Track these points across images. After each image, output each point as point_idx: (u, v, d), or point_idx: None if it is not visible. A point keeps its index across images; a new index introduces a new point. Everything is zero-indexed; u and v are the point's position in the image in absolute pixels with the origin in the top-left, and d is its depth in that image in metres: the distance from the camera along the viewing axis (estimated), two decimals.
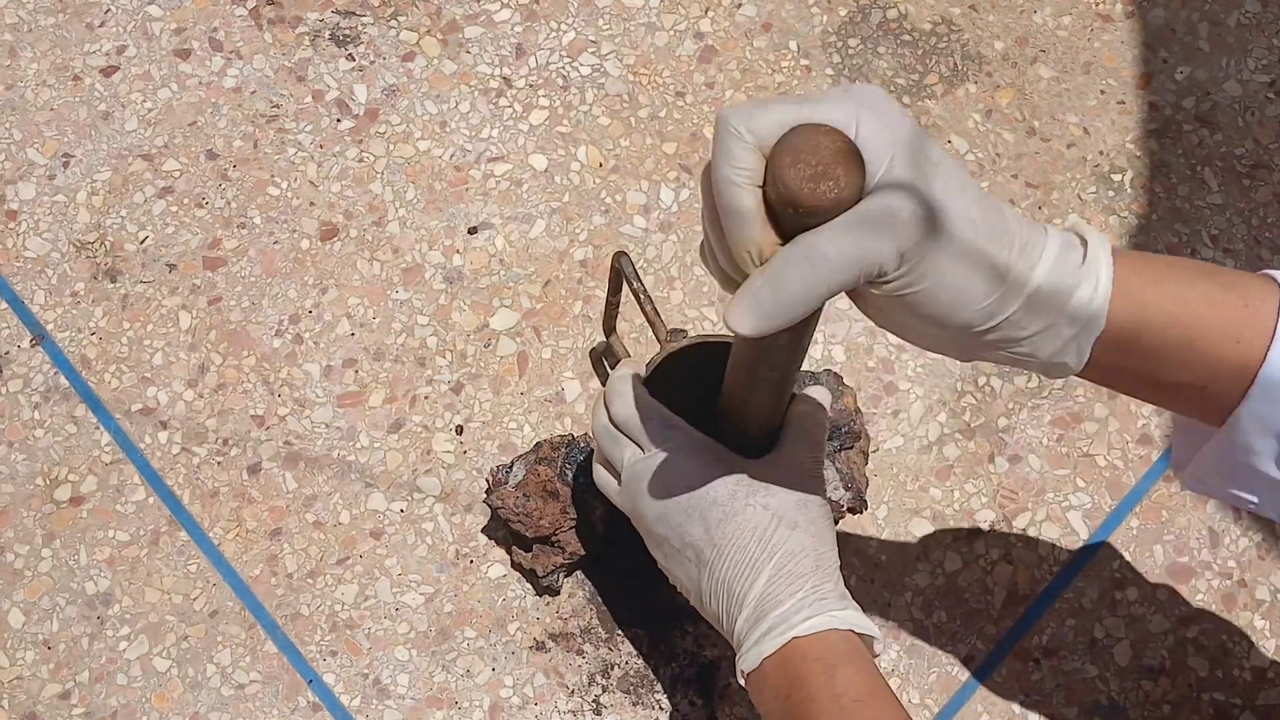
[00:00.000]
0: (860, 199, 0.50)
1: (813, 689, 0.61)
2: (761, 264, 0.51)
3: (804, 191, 0.49)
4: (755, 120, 0.51)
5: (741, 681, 0.65)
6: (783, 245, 0.51)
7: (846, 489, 0.83)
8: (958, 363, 0.90)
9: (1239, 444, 0.57)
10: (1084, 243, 0.55)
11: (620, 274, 0.78)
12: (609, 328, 0.84)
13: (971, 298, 0.53)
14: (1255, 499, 0.60)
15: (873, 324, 0.59)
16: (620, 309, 0.83)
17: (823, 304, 0.52)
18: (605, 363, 0.89)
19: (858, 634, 0.64)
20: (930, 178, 0.51)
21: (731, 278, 0.54)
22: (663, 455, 0.68)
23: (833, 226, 0.50)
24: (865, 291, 0.54)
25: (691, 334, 0.77)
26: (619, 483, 0.70)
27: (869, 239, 0.50)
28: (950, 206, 0.51)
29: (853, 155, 0.50)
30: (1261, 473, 0.57)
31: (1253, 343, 0.54)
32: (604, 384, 0.88)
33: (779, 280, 0.50)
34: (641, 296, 0.76)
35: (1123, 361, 0.56)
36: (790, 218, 0.51)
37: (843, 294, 0.53)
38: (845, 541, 0.85)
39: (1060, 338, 0.55)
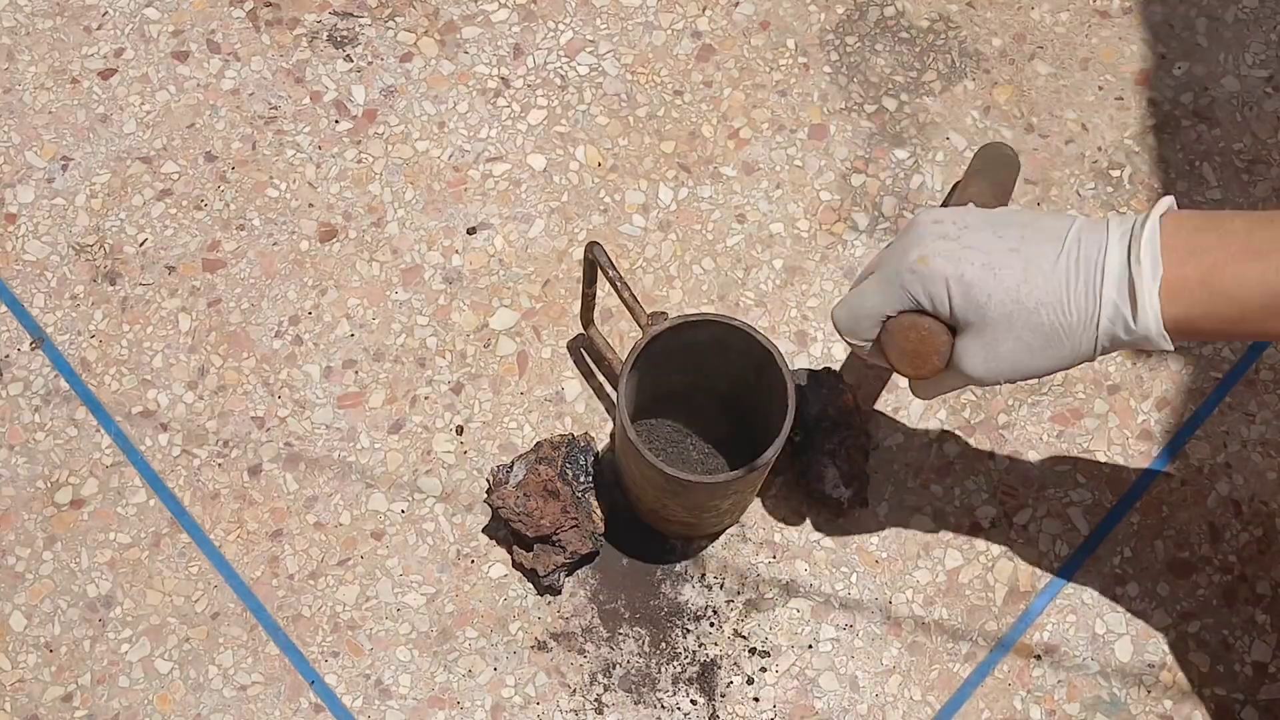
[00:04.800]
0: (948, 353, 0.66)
1: (1229, 228, 0.61)
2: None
3: (908, 370, 0.67)
4: (859, 327, 0.68)
5: (1158, 305, 0.62)
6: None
7: (847, 486, 0.83)
8: None
9: None
10: (1134, 298, 0.61)
11: (595, 264, 0.78)
12: (586, 319, 0.85)
13: (1033, 377, 0.65)
14: None
15: None
16: (623, 304, 0.83)
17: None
18: (585, 355, 0.89)
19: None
20: (995, 334, 0.64)
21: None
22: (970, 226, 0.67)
23: (925, 385, 0.70)
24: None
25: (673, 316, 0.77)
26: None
27: (954, 382, 0.69)
28: (1001, 351, 0.64)
29: (940, 338, 0.65)
30: None
31: None
32: (587, 378, 0.88)
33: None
34: (618, 284, 0.76)
35: (1202, 338, 0.63)
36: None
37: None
38: (846, 539, 0.85)
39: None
